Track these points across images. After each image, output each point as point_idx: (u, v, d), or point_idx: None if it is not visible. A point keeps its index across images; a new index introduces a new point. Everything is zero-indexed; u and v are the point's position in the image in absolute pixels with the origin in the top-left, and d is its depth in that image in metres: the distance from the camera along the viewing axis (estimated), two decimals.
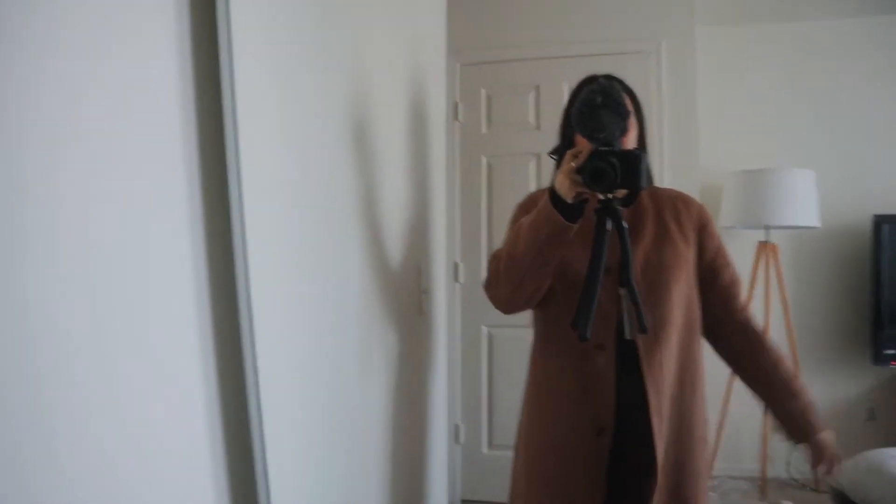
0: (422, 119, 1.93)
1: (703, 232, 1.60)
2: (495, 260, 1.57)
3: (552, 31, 3.38)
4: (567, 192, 1.35)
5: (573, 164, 1.32)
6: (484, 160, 3.49)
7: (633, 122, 1.54)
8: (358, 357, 1.51)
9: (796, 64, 3.64)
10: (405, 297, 1.83)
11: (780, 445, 3.49)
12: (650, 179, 1.59)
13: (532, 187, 3.21)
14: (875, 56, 3.57)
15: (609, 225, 1.33)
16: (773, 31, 3.65)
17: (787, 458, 3.47)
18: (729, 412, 3.38)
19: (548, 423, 1.58)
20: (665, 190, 1.68)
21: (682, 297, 1.53)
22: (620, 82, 1.58)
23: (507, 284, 1.52)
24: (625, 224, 1.33)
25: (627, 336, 1.47)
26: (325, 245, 1.36)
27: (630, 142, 1.53)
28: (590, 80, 1.60)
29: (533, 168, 3.39)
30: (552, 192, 1.38)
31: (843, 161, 3.58)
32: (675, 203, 1.61)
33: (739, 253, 3.42)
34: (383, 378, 1.67)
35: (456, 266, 3.48)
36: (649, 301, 1.45)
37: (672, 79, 3.28)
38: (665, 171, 3.24)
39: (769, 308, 3.30)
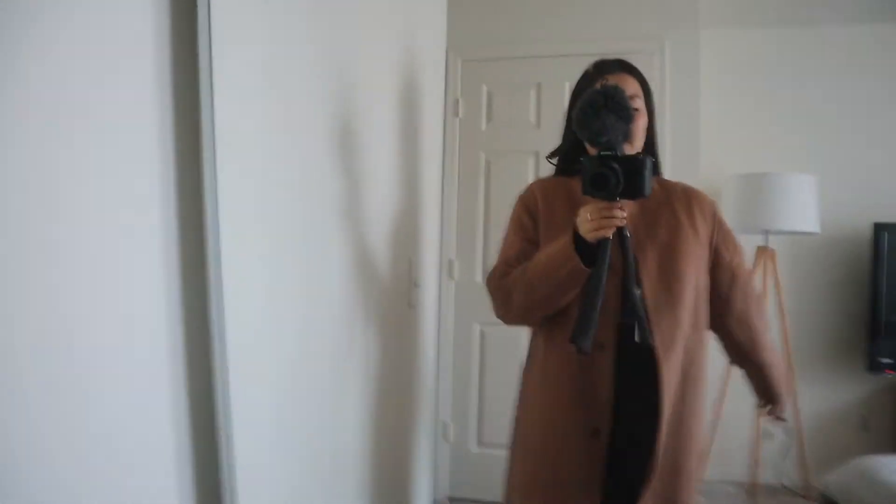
0: (415, 113, 1.91)
1: (718, 227, 1.60)
2: (502, 289, 1.53)
3: (555, 28, 3.36)
4: (598, 232, 1.31)
5: (602, 208, 1.27)
6: (483, 157, 3.47)
7: (642, 114, 1.52)
8: (337, 352, 1.48)
9: (800, 68, 3.61)
10: (396, 290, 1.81)
11: (770, 451, 3.48)
12: (658, 171, 1.58)
13: None
14: (880, 62, 3.54)
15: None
16: (777, 35, 3.62)
17: (778, 465, 3.45)
18: (721, 416, 3.36)
19: (543, 423, 1.55)
20: (674, 183, 1.65)
21: (692, 299, 1.50)
22: (631, 68, 1.56)
23: (518, 315, 1.56)
24: (627, 233, 1.32)
25: (637, 339, 1.40)
26: (303, 239, 1.34)
27: (638, 130, 1.50)
28: (597, 66, 1.57)
29: (532, 166, 3.37)
30: (574, 233, 1.34)
31: (845, 167, 3.55)
32: (687, 196, 1.60)
33: None
34: (369, 371, 1.65)
35: (451, 263, 3.46)
36: (665, 304, 1.44)
37: (675, 80, 3.26)
38: (665, 172, 3.20)
39: None
